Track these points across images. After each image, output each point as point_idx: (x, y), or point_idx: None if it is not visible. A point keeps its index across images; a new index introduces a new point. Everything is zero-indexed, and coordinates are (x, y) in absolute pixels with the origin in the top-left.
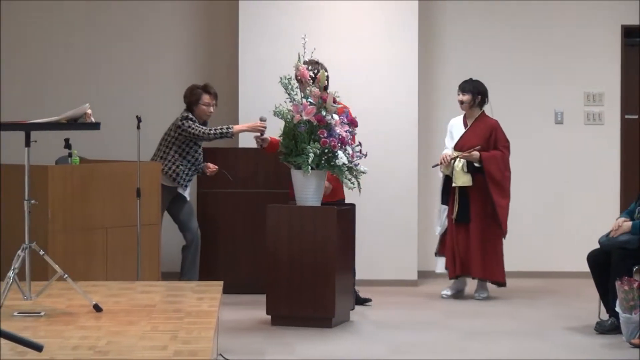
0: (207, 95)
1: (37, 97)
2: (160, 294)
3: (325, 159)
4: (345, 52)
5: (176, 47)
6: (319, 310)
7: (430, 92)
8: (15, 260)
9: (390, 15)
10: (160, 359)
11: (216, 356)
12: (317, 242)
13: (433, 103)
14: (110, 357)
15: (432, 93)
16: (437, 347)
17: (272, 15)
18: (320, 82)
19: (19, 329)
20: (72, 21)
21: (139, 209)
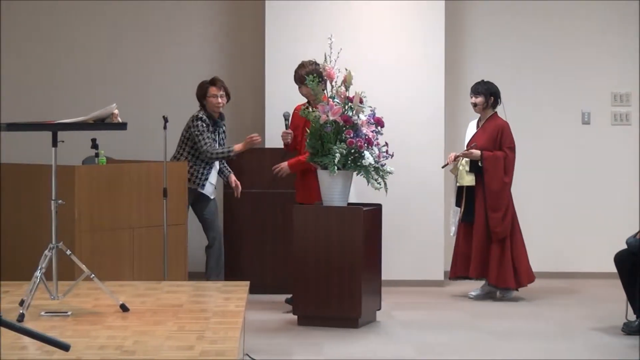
0: (213, 87)
1: (65, 98)
2: (186, 294)
3: (351, 159)
4: (372, 51)
5: (202, 47)
6: (346, 310)
7: (457, 92)
8: (42, 260)
9: (417, 14)
10: (187, 359)
11: (243, 356)
12: (344, 242)
13: (460, 103)
14: (137, 357)
15: (458, 93)
16: (464, 348)
17: (298, 14)
18: (347, 83)
19: (46, 328)
20: (99, 21)
21: (165, 209)
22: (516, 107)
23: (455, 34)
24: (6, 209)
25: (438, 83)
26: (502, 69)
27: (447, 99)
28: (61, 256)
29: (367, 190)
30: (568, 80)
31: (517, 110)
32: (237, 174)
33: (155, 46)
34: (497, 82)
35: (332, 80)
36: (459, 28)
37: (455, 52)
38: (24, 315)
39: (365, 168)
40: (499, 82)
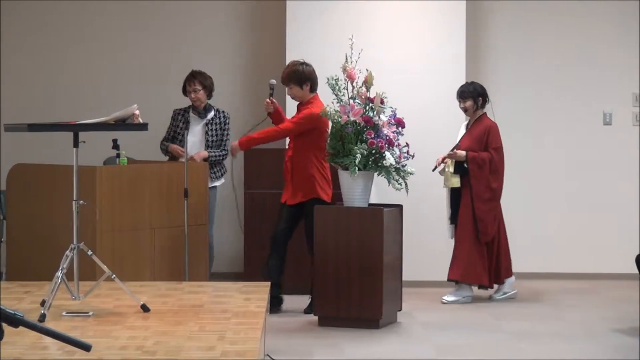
0: (190, 82)
1: (85, 98)
2: (207, 294)
3: (372, 160)
4: (392, 52)
5: (223, 48)
6: (367, 311)
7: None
8: (63, 261)
9: (438, 14)
10: (208, 359)
11: (263, 357)
12: (365, 243)
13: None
14: (158, 357)
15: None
16: (485, 349)
17: (319, 15)
18: (368, 83)
19: (67, 328)
20: (119, 21)
21: (186, 210)
22: (536, 107)
23: (476, 34)
24: (28, 209)
25: (459, 83)
26: (523, 69)
27: None
28: (82, 256)
29: (388, 191)
30: (589, 81)
31: (538, 110)
32: (256, 174)
33: (176, 46)
34: (518, 82)
35: (353, 81)
36: (480, 28)
37: (476, 52)
38: (46, 315)
39: (386, 169)
40: (520, 82)
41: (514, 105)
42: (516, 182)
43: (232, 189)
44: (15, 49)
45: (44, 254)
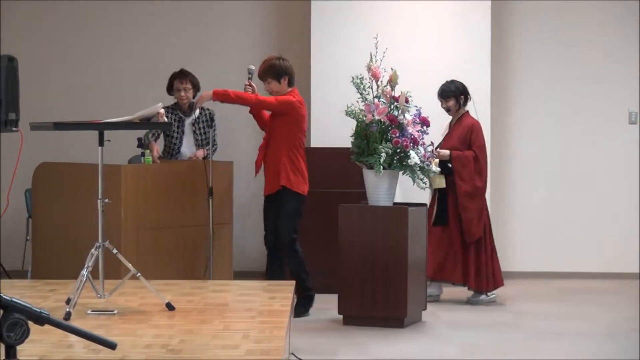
0: (177, 80)
1: (110, 97)
2: (232, 293)
3: (397, 159)
4: (417, 51)
5: (248, 47)
6: (391, 310)
7: (502, 92)
8: (88, 259)
9: (463, 14)
10: (233, 358)
11: (288, 356)
12: (389, 242)
13: (505, 103)
14: (183, 356)
15: (504, 93)
16: (509, 348)
17: (344, 14)
18: (393, 82)
19: (92, 326)
20: (143, 21)
21: (211, 208)
22: (561, 107)
23: (501, 34)
24: (53, 208)
25: (484, 82)
26: (548, 68)
27: (493, 99)
28: (108, 255)
29: (412, 190)
30: (614, 80)
31: (563, 110)
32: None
33: (198, 46)
34: (543, 81)
35: (377, 80)
36: (505, 28)
37: (501, 51)
38: (71, 313)
39: (411, 168)
40: (545, 81)
41: (538, 105)
42: (540, 182)
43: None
44: (36, 48)
45: (69, 252)
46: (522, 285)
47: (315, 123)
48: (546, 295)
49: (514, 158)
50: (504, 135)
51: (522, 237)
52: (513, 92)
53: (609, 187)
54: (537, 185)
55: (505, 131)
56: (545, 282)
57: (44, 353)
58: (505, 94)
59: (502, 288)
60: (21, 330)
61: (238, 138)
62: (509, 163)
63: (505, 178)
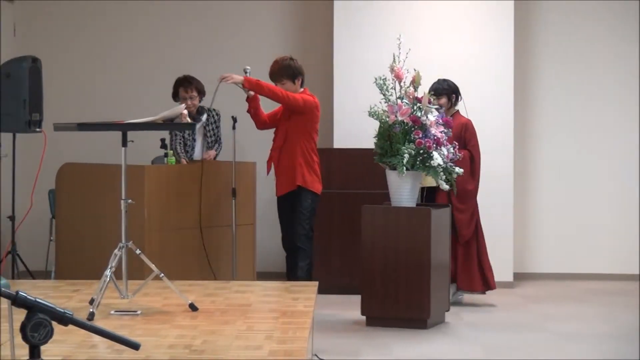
0: (182, 88)
1: (133, 98)
2: (255, 293)
3: (420, 160)
4: (440, 52)
5: (271, 47)
6: (414, 311)
7: (526, 92)
8: (112, 259)
9: (486, 15)
10: (256, 358)
11: (311, 356)
12: (412, 242)
13: (529, 102)
14: (206, 356)
15: (527, 92)
16: (533, 349)
17: (367, 15)
18: (416, 83)
19: (115, 327)
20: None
21: (234, 209)
22: (585, 107)
23: (524, 34)
24: (76, 208)
25: (507, 84)
26: (571, 69)
27: (516, 100)
28: (131, 255)
29: None
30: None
31: (586, 110)
32: None
33: (222, 46)
34: (567, 82)
35: (400, 81)
36: (529, 27)
37: (524, 52)
38: (94, 313)
39: (434, 169)
40: (569, 82)
41: (560, 105)
42: (562, 184)
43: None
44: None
45: (93, 252)
46: (546, 286)
47: (338, 124)
48: (569, 296)
49: (536, 160)
50: (526, 137)
51: (545, 239)
52: (536, 93)
53: (632, 189)
54: (559, 187)
55: (527, 133)
56: (568, 284)
57: (68, 353)
58: (528, 95)
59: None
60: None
61: (260, 139)
62: (531, 165)
63: (527, 180)
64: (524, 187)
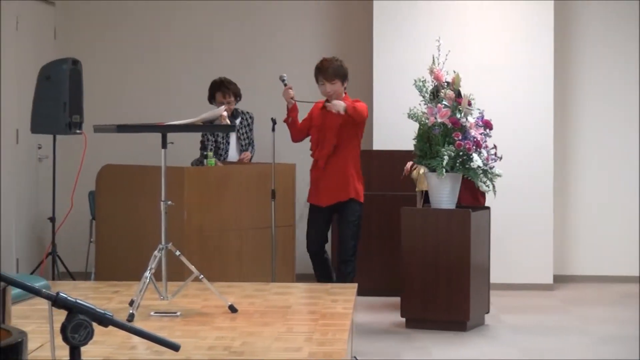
0: (219, 93)
1: (174, 100)
2: (295, 295)
3: (459, 162)
4: (479, 53)
5: (310, 48)
6: (454, 313)
7: (566, 92)
8: (152, 261)
9: (526, 16)
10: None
11: (351, 358)
12: (452, 244)
13: (569, 103)
14: (245, 358)
15: (567, 93)
16: (573, 353)
17: (407, 16)
18: (455, 85)
19: (155, 328)
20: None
21: (273, 211)
22: (628, 105)
23: (564, 35)
24: (116, 209)
25: (547, 84)
26: (613, 70)
27: (556, 101)
28: (170, 257)
29: None
30: None
31: (629, 108)
32: None
33: (260, 48)
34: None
35: (440, 83)
36: (568, 28)
37: (564, 52)
38: (134, 315)
39: (474, 171)
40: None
41: (601, 103)
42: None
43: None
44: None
45: (133, 254)
46: (586, 289)
47: (377, 126)
48: (610, 299)
49: (577, 161)
50: (566, 138)
51: (585, 241)
52: (576, 94)
53: None
54: (600, 188)
55: (568, 134)
56: (608, 286)
57: (108, 354)
58: (568, 96)
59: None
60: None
61: None
62: (572, 166)
63: (568, 182)
64: (564, 188)
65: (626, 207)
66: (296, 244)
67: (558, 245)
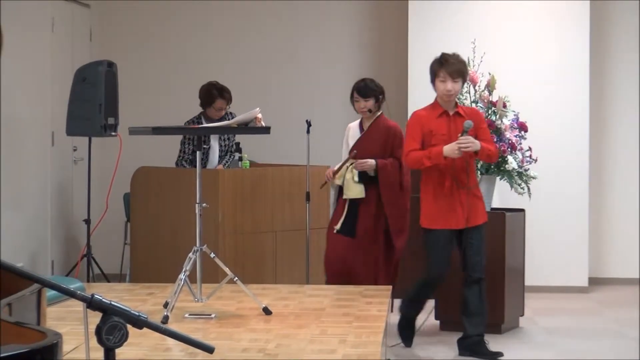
0: (221, 100)
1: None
2: (329, 297)
3: (494, 164)
4: (515, 54)
5: (345, 50)
6: (489, 315)
7: (602, 94)
8: (186, 263)
9: (561, 15)
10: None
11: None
12: (487, 247)
13: (605, 105)
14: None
15: (603, 94)
16: (608, 356)
17: (442, 17)
18: (490, 87)
19: (190, 330)
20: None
21: (308, 213)
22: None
23: (600, 35)
24: (151, 211)
25: (583, 86)
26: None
27: (592, 102)
28: (205, 259)
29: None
30: None
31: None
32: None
33: (297, 50)
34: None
35: (475, 85)
36: (604, 28)
37: (600, 54)
38: (169, 317)
39: (509, 173)
40: None
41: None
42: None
43: None
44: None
45: (167, 256)
46: (620, 291)
47: None
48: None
49: (613, 163)
50: (602, 140)
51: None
52: (612, 96)
53: None
54: (636, 189)
55: (603, 135)
56: None
57: (142, 356)
58: (605, 97)
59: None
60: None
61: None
62: (608, 167)
63: (603, 184)
64: (599, 190)
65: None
66: None
67: (593, 247)
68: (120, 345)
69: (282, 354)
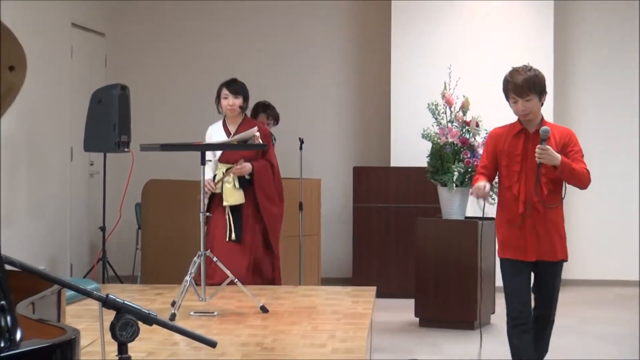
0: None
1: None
2: (320, 297)
3: (468, 177)
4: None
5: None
6: (463, 313)
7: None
8: (191, 266)
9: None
10: (320, 356)
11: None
12: (461, 251)
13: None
14: (276, 353)
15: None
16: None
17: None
18: (465, 108)
19: (194, 326)
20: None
21: (301, 221)
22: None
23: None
24: (160, 220)
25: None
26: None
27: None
28: (208, 262)
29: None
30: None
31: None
32: (365, 190)
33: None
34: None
35: (451, 106)
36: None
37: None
38: (176, 314)
39: None
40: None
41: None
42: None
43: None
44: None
45: (174, 260)
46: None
47: (395, 144)
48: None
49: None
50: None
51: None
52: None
53: None
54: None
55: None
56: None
57: (152, 350)
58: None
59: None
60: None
61: (325, 156)
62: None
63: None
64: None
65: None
66: (321, 251)
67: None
68: (132, 340)
69: (277, 348)
